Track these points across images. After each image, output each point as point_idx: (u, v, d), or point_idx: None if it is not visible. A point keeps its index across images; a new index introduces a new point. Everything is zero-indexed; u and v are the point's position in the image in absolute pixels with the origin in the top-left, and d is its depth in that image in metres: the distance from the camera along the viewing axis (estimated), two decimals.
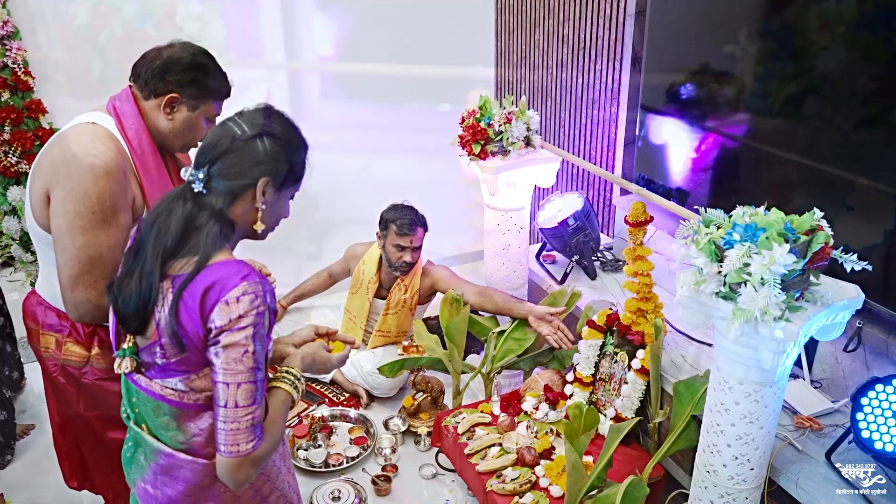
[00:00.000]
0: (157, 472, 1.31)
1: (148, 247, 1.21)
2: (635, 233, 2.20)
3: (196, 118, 1.68)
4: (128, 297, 1.21)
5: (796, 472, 1.77)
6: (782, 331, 1.38)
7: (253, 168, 1.23)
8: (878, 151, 1.88)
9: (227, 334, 1.16)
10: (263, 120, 1.26)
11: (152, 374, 1.26)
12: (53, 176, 1.54)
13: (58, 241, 1.55)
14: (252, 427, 1.20)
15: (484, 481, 2.15)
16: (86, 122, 1.62)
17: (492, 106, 2.55)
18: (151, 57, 1.65)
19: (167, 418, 1.26)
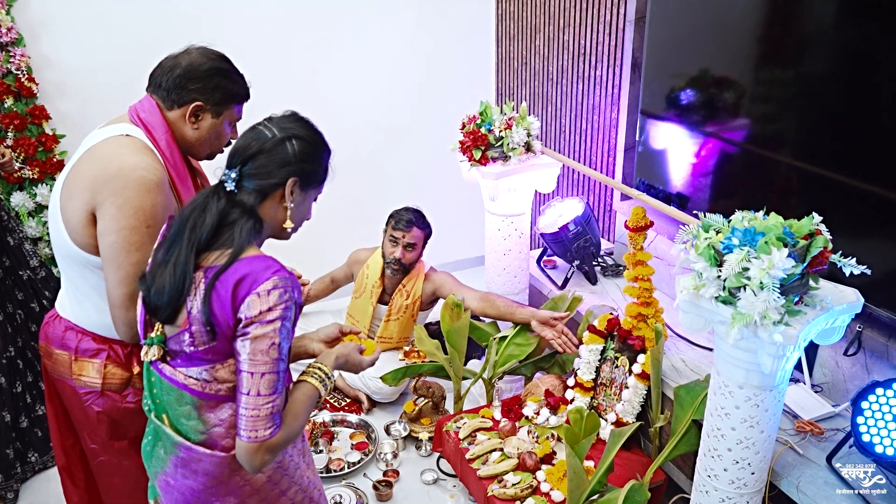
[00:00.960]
0: (177, 465, 1.34)
1: (182, 240, 1.26)
2: (636, 238, 2.21)
3: (221, 124, 1.67)
4: (161, 287, 1.25)
5: (797, 476, 1.78)
6: (781, 335, 1.39)
7: (282, 168, 1.31)
8: (878, 156, 1.89)
9: (257, 326, 1.21)
10: (291, 124, 1.35)
11: (178, 362, 1.29)
12: (99, 193, 1.48)
13: (111, 260, 1.50)
14: (271, 415, 1.24)
15: (485, 486, 2.15)
16: (119, 134, 1.57)
17: (492, 112, 2.56)
18: (169, 66, 1.63)
19: (189, 408, 1.29)
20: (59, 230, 1.56)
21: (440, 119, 3.73)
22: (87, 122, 3.19)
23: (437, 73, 3.86)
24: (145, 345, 1.32)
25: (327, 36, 3.56)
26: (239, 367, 1.24)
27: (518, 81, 3.80)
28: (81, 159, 1.56)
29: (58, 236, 1.58)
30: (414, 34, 3.74)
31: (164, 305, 1.26)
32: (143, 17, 3.18)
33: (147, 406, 1.39)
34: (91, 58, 3.14)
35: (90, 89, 3.18)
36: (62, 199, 1.55)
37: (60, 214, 1.55)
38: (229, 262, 1.23)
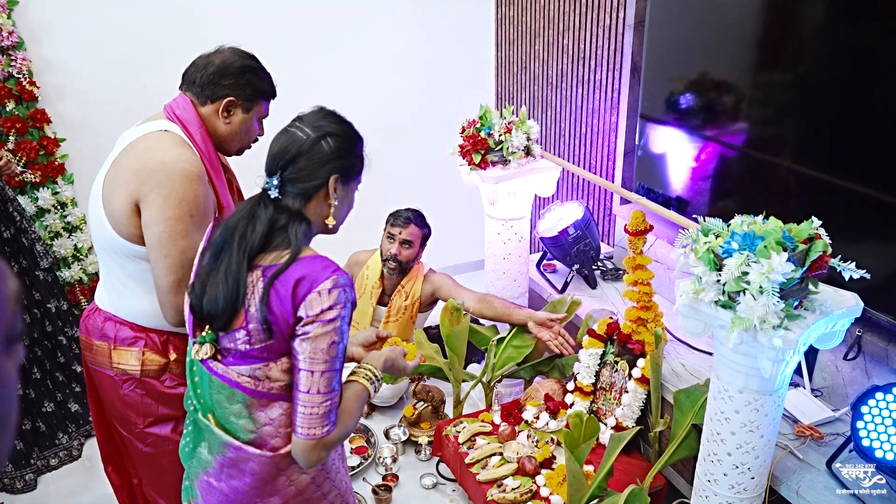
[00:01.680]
0: (223, 465, 1.36)
1: (231, 248, 1.28)
2: (635, 242, 2.21)
3: (250, 119, 1.76)
4: (214, 297, 1.27)
5: (797, 480, 1.77)
6: (781, 339, 1.38)
7: (322, 168, 1.32)
8: (877, 159, 1.89)
9: (318, 324, 1.23)
10: (323, 121, 1.35)
11: (230, 360, 1.30)
12: (144, 184, 1.55)
13: (158, 248, 1.57)
14: (328, 413, 1.27)
15: (485, 491, 2.15)
16: (158, 130, 1.65)
17: (492, 115, 2.56)
18: (203, 64, 1.71)
19: (239, 406, 1.30)
20: (102, 223, 1.63)
21: (440, 123, 3.74)
22: (88, 125, 3.21)
23: (437, 77, 3.86)
24: (196, 343, 1.32)
25: (328, 39, 3.56)
26: (297, 366, 1.26)
27: (518, 85, 3.80)
28: (123, 154, 1.63)
29: (100, 229, 1.65)
30: (414, 38, 3.75)
31: (220, 314, 1.27)
32: (143, 21, 3.19)
33: (191, 405, 1.39)
34: (92, 61, 3.15)
35: (91, 93, 3.19)
36: (104, 192, 1.62)
37: (103, 208, 1.62)
38: (288, 263, 1.25)
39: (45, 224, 3.10)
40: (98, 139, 3.24)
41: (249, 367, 1.28)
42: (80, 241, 3.20)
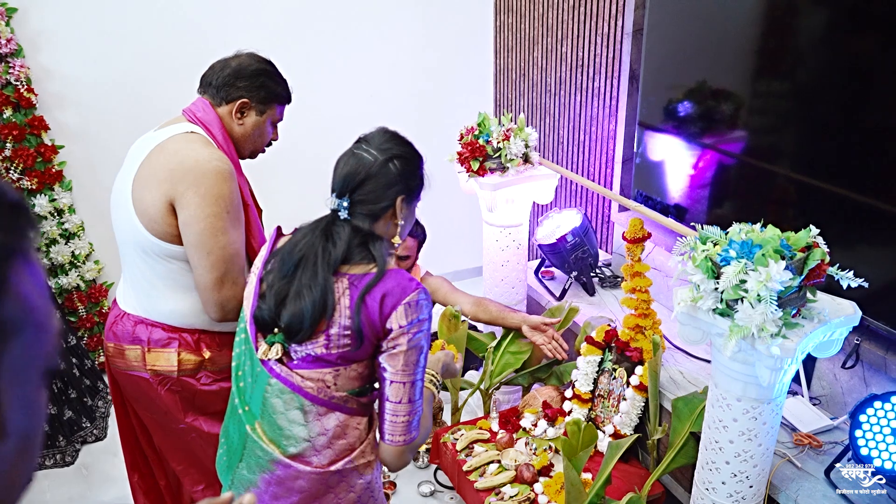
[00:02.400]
0: (270, 483, 1.36)
1: (312, 264, 1.31)
2: (633, 249, 2.21)
3: (264, 122, 1.79)
4: (299, 312, 1.28)
5: (795, 489, 1.77)
6: (779, 347, 1.38)
7: (389, 190, 1.35)
8: (876, 168, 1.89)
9: (409, 336, 1.28)
10: (388, 144, 1.38)
11: (297, 364, 1.32)
12: (179, 183, 1.58)
13: (199, 247, 1.60)
14: (416, 419, 1.33)
15: (482, 498, 2.14)
16: (184, 132, 1.68)
17: (490, 123, 2.56)
18: (220, 67, 1.76)
19: (297, 412, 1.31)
20: (133, 224, 1.65)
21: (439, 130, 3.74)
22: (86, 132, 3.21)
23: (437, 85, 3.87)
24: (266, 343, 1.33)
25: (328, 46, 3.57)
26: (386, 378, 1.30)
27: (516, 93, 3.81)
28: (153, 155, 1.65)
29: (130, 230, 1.67)
30: (413, 46, 3.75)
31: (307, 328, 1.29)
32: (142, 29, 3.19)
33: (237, 413, 1.40)
34: (91, 69, 3.15)
35: (89, 100, 3.19)
36: (135, 194, 1.64)
37: (134, 209, 1.64)
38: (379, 278, 1.29)
39: (43, 231, 3.09)
40: (96, 146, 3.25)
41: (319, 372, 1.31)
42: (77, 248, 3.20)
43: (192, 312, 1.74)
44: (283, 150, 3.58)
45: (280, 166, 3.62)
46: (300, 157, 3.64)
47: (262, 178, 3.57)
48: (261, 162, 3.77)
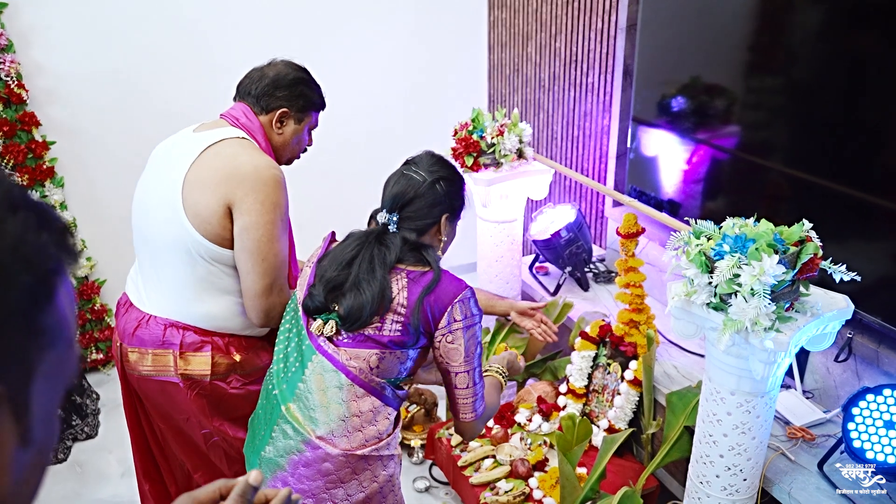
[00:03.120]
0: (297, 465, 1.42)
1: (365, 261, 1.43)
2: (627, 244, 2.21)
3: (301, 130, 1.82)
4: (359, 302, 1.39)
5: (789, 482, 1.78)
6: (772, 341, 1.39)
7: (434, 209, 1.49)
8: (869, 163, 1.90)
9: (464, 330, 1.43)
10: (435, 166, 1.52)
11: (345, 342, 1.42)
12: (238, 188, 1.59)
13: (255, 253, 1.62)
14: (480, 397, 1.50)
15: (477, 494, 2.15)
16: (237, 136, 1.69)
17: (484, 118, 2.56)
18: (258, 76, 1.77)
19: (336, 390, 1.40)
20: (180, 223, 1.62)
21: (433, 126, 3.73)
22: (78, 128, 3.19)
23: (430, 81, 3.86)
24: (321, 319, 1.43)
25: (321, 42, 3.56)
26: (451, 371, 1.46)
27: (510, 88, 3.81)
28: (208, 158, 1.64)
29: (171, 230, 1.64)
30: (407, 41, 3.74)
31: (367, 317, 1.39)
32: (134, 24, 3.17)
33: (273, 390, 1.46)
34: (82, 64, 3.13)
35: (81, 96, 3.17)
36: (186, 194, 1.62)
37: (184, 209, 1.62)
38: (437, 280, 1.42)
39: None
40: (88, 142, 3.23)
41: (366, 352, 1.40)
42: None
43: (225, 316, 1.72)
44: None
45: None
46: None
47: None
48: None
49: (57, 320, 0.46)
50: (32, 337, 0.44)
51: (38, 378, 0.45)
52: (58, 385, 0.48)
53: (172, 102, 3.32)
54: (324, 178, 3.59)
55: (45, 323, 0.44)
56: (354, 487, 1.44)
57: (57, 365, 0.47)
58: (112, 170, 3.30)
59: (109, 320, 3.42)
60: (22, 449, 0.45)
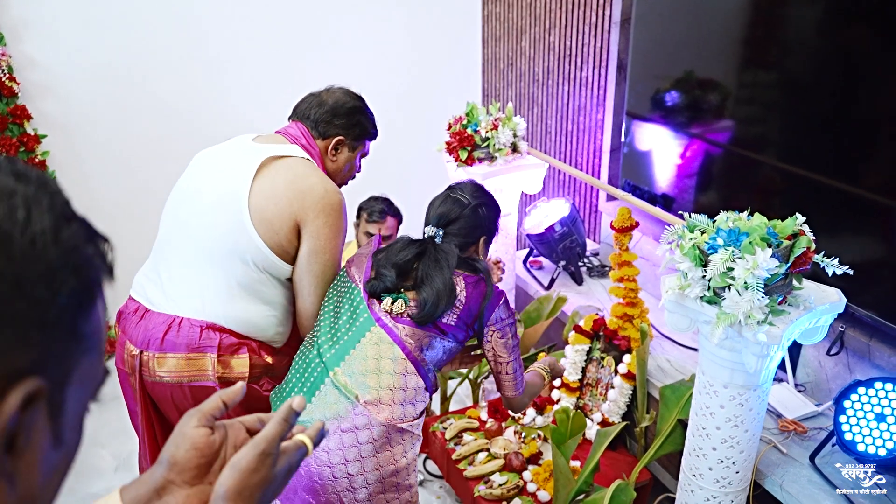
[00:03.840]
0: (337, 430, 1.50)
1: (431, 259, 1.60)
2: (621, 238, 2.21)
3: (354, 157, 1.87)
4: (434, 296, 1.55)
5: (781, 474, 1.79)
6: (766, 334, 1.39)
7: (475, 230, 1.68)
8: (861, 157, 1.91)
9: (509, 327, 1.66)
10: (479, 193, 1.71)
11: (405, 320, 1.57)
12: (310, 210, 1.63)
13: (319, 275, 1.69)
14: (520, 378, 1.73)
15: (472, 487, 2.15)
16: (304, 157, 1.71)
17: (478, 112, 2.56)
18: (316, 102, 1.80)
19: (389, 361, 1.54)
20: (242, 226, 1.62)
21: (427, 120, 3.73)
22: (70, 122, 3.17)
23: (424, 75, 3.86)
24: (391, 297, 1.57)
25: (313, 37, 3.55)
26: (502, 362, 1.68)
27: (504, 83, 3.81)
28: (277, 169, 1.65)
29: (225, 232, 1.63)
30: (400, 36, 3.73)
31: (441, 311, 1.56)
32: (126, 17, 3.15)
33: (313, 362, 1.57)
34: (74, 58, 3.11)
35: (73, 89, 3.15)
36: (255, 201, 1.62)
37: (250, 214, 1.61)
38: (492, 290, 1.63)
39: None
40: (80, 136, 3.22)
41: (423, 333, 1.56)
42: None
43: (259, 325, 1.70)
44: None
45: None
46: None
47: None
48: None
49: (94, 328, 0.49)
50: (74, 340, 0.46)
51: (74, 381, 0.47)
52: (88, 391, 0.51)
53: (165, 96, 3.31)
54: None
55: (85, 329, 0.47)
56: (386, 459, 1.53)
57: (89, 372, 0.49)
58: (104, 164, 3.28)
59: None
60: (53, 449, 0.47)
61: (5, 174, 0.44)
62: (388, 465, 1.54)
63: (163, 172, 3.45)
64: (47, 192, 0.46)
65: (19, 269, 0.42)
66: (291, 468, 0.71)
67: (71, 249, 0.45)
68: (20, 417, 0.42)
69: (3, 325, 0.41)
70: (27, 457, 0.44)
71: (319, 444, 1.43)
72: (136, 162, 3.36)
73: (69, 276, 0.45)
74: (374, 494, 1.55)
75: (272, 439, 0.68)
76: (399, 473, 1.57)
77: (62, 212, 0.46)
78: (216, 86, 3.40)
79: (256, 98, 3.49)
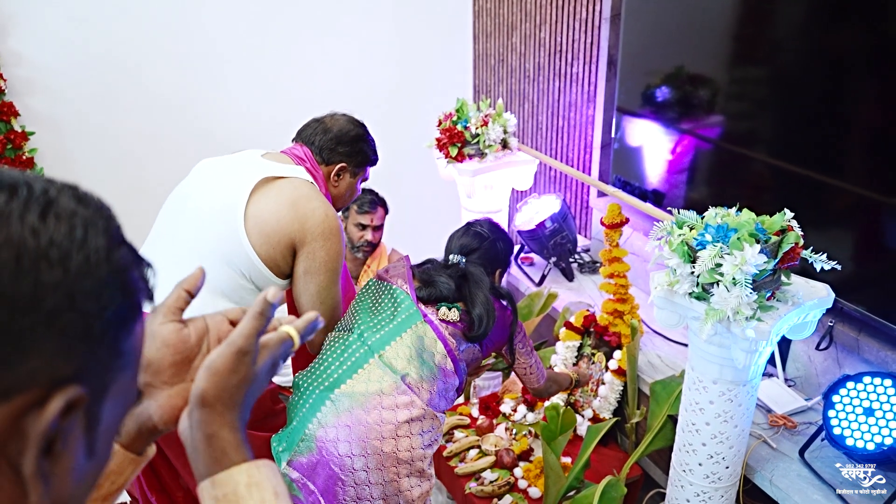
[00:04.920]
0: (377, 407, 1.55)
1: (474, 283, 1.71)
2: (611, 234, 2.21)
3: (355, 183, 1.92)
4: (484, 314, 1.67)
5: (771, 469, 1.79)
6: (754, 330, 1.40)
7: (493, 262, 1.82)
8: (850, 153, 1.91)
9: (522, 337, 1.84)
10: (496, 229, 1.86)
11: (447, 323, 1.66)
12: (308, 234, 1.67)
13: (316, 296, 1.72)
14: (540, 372, 1.91)
15: (463, 484, 2.15)
16: (308, 180, 1.74)
17: (468, 109, 2.55)
18: (321, 128, 1.85)
19: (431, 354, 1.63)
20: (235, 234, 1.64)
21: (418, 116, 3.72)
22: (57, 119, 3.15)
23: (416, 71, 3.84)
24: (445, 307, 1.68)
25: (303, 32, 3.53)
26: (525, 365, 1.87)
27: (495, 79, 3.80)
28: (282, 186, 1.69)
29: (224, 238, 1.65)
30: (392, 31, 3.72)
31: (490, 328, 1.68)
32: (113, 12, 3.13)
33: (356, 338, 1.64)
34: (61, 53, 3.08)
35: (60, 85, 3.12)
36: (255, 211, 1.65)
37: (245, 223, 1.64)
38: (516, 312, 1.79)
39: None
40: (68, 133, 3.19)
41: (461, 334, 1.67)
42: None
43: None
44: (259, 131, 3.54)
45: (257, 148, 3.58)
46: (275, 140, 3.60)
47: None
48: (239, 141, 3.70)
49: (134, 347, 0.51)
50: (115, 355, 0.49)
51: (110, 396, 0.50)
52: (121, 408, 0.53)
53: (154, 91, 3.28)
54: None
55: (125, 346, 0.49)
56: (419, 441, 1.59)
57: (125, 389, 0.52)
58: (93, 160, 3.26)
59: None
60: (86, 459, 0.49)
61: (68, 197, 0.48)
62: (418, 449, 1.59)
63: (153, 169, 3.43)
64: (103, 217, 0.49)
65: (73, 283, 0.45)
66: (276, 363, 0.68)
67: (120, 270, 0.48)
68: (60, 422, 0.44)
69: (54, 334, 0.44)
70: (62, 462, 0.46)
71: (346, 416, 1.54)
72: (126, 158, 3.33)
73: (117, 294, 0.48)
74: (401, 476, 1.59)
75: (248, 335, 0.65)
76: (425, 460, 1.62)
77: (115, 235, 0.49)
78: (206, 80, 3.38)
79: (247, 92, 3.47)
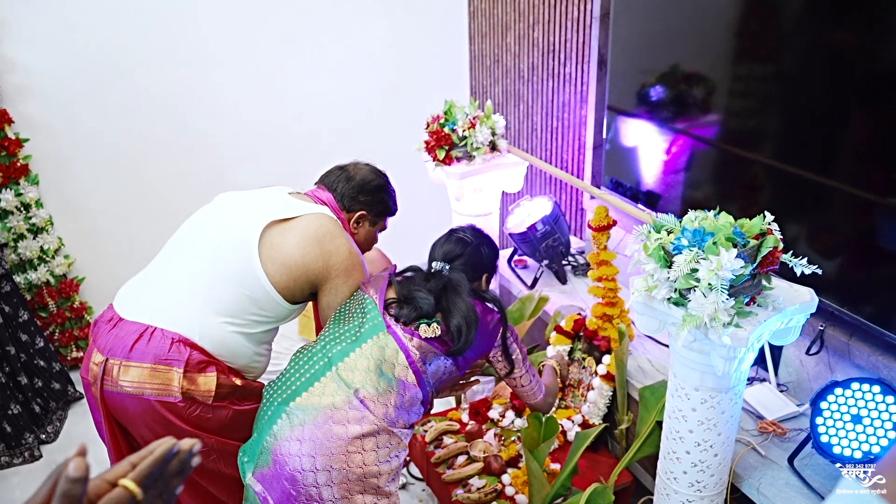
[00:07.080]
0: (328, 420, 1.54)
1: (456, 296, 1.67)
2: (599, 237, 2.18)
3: (374, 231, 1.97)
4: (463, 324, 1.65)
5: (758, 477, 1.75)
6: (730, 337, 1.36)
7: (478, 268, 1.79)
8: (844, 154, 1.87)
9: (513, 340, 1.79)
10: (480, 234, 1.83)
11: (414, 334, 1.63)
12: (332, 269, 1.73)
13: None
14: (536, 384, 1.87)
15: (450, 491, 2.12)
16: (330, 216, 1.78)
17: (456, 111, 2.52)
18: (344, 177, 1.89)
19: (391, 366, 1.60)
20: (249, 260, 1.67)
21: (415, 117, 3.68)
22: (52, 125, 3.15)
23: (412, 72, 3.82)
24: (424, 323, 1.64)
25: (297, 34, 3.51)
26: (516, 376, 1.82)
27: (491, 79, 3.77)
28: (308, 224, 1.72)
29: (238, 263, 1.68)
30: (388, 33, 3.70)
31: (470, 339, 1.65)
32: (107, 18, 3.13)
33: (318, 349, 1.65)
34: (55, 60, 3.09)
35: (54, 92, 3.13)
36: (277, 241, 1.69)
37: (260, 250, 1.68)
38: (505, 318, 1.76)
39: (9, 226, 3.05)
40: (62, 139, 3.20)
41: (428, 347, 1.63)
42: (46, 242, 3.15)
43: (234, 350, 1.71)
44: (255, 134, 3.54)
45: (252, 151, 3.57)
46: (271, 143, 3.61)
47: (234, 162, 3.53)
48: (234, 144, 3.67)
49: None
50: None
51: None
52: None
53: (149, 96, 3.28)
54: (302, 168, 3.55)
55: None
56: (373, 458, 1.56)
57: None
58: (88, 166, 3.27)
59: (89, 318, 3.39)
60: None
61: None
62: (371, 466, 1.55)
63: (148, 174, 3.43)
64: None
65: None
66: None
67: None
68: None
69: None
70: None
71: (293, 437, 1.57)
72: (121, 164, 3.34)
73: None
74: (353, 493, 1.55)
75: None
76: (381, 477, 1.58)
77: None
78: (200, 83, 3.37)
79: (242, 95, 3.46)
